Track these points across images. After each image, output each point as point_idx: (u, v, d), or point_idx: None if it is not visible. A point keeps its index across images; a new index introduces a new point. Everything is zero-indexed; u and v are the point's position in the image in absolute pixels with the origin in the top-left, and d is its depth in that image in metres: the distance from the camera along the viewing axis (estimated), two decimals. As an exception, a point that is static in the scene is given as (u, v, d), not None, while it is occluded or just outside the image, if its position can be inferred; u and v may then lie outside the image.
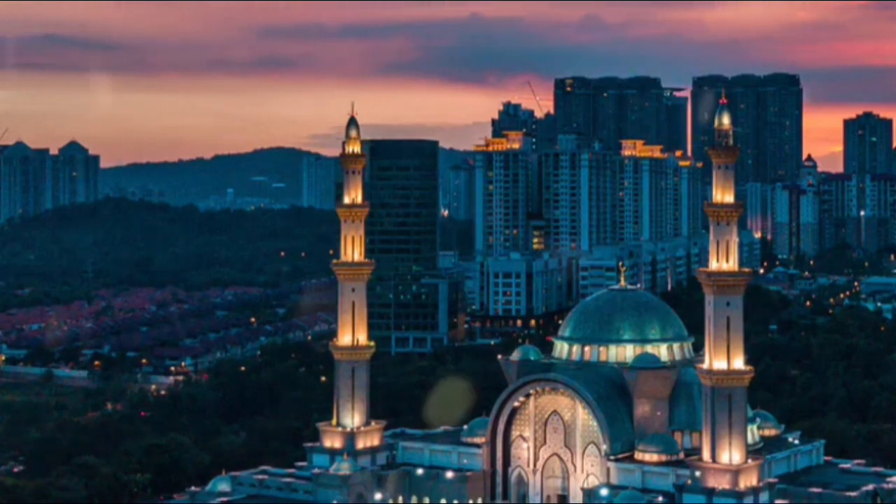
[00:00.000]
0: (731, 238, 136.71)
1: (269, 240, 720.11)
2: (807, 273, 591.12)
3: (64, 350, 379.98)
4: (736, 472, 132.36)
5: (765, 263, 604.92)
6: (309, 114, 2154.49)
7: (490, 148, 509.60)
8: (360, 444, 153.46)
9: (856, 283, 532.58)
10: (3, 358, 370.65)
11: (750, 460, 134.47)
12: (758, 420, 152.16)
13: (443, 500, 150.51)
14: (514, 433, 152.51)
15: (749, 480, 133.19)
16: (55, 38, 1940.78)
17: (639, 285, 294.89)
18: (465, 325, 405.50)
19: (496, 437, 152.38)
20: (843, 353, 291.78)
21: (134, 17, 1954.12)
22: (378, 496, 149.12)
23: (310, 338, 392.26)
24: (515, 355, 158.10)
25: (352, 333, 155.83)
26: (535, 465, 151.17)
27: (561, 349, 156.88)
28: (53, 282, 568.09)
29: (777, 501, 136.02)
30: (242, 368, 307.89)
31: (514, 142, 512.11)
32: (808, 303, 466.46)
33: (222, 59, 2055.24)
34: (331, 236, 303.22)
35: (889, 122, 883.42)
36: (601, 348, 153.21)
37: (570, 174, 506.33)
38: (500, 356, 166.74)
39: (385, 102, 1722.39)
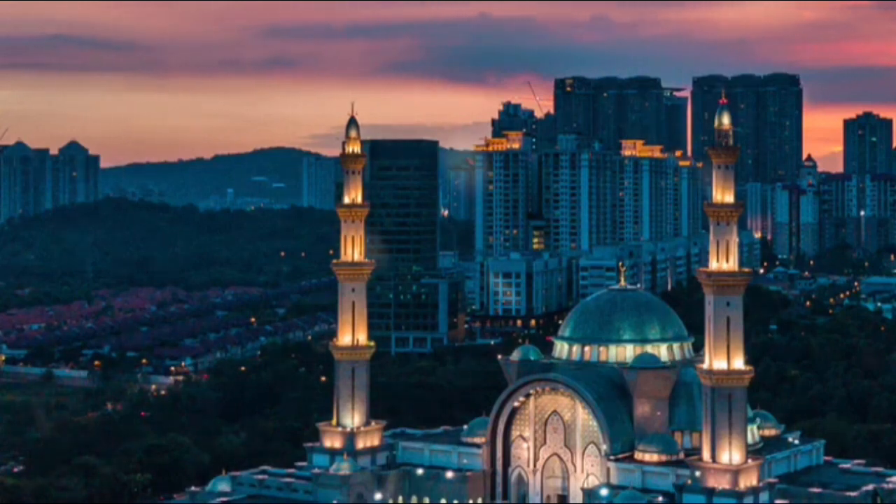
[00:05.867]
0: (731, 238, 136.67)
1: (269, 240, 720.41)
2: (807, 273, 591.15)
3: (64, 350, 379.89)
4: (736, 472, 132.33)
5: (765, 263, 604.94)
6: (309, 114, 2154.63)
7: (490, 148, 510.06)
8: (360, 444, 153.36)
9: (856, 283, 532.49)
10: (3, 358, 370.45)
11: (750, 460, 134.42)
12: (758, 420, 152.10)
13: (443, 500, 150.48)
14: (514, 433, 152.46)
15: (749, 480, 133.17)
16: (55, 38, 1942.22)
17: (639, 285, 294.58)
18: (465, 325, 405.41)
19: (496, 437, 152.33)
20: (843, 353, 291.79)
21: (134, 18, 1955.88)
22: (378, 496, 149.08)
23: (310, 338, 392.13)
24: (515, 355, 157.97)
25: (352, 333, 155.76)
26: (535, 465, 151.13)
27: (561, 349, 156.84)
28: (53, 282, 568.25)
29: (777, 501, 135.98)
30: (242, 368, 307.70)
31: (514, 142, 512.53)
32: (808, 303, 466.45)
33: (222, 60, 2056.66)
34: (331, 236, 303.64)
35: (889, 122, 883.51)
36: (601, 348, 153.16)
37: (570, 174, 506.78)
38: (500, 356, 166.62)
39: (385, 102, 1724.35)
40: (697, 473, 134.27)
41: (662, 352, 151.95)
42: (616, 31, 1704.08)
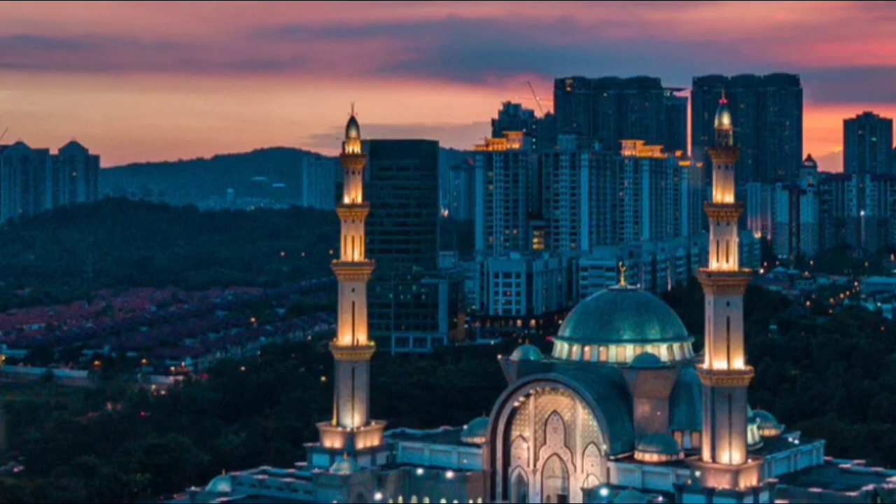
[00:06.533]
0: (731, 238, 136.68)
1: (269, 240, 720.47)
2: (807, 273, 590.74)
3: (64, 350, 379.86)
4: (736, 472, 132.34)
5: (765, 263, 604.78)
6: (309, 114, 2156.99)
7: (490, 148, 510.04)
8: (360, 444, 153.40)
9: (856, 283, 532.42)
10: (4, 358, 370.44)
11: (750, 460, 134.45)
12: (758, 420, 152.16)
13: (443, 500, 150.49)
14: (514, 433, 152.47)
15: (749, 480, 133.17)
16: (56, 38, 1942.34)
17: (639, 285, 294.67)
18: (465, 325, 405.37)
19: (496, 437, 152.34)
20: (843, 353, 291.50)
21: (134, 18, 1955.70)
22: (378, 496, 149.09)
23: (310, 338, 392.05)
24: (515, 355, 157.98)
25: (352, 333, 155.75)
26: (535, 465, 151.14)
27: (561, 349, 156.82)
28: (53, 282, 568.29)
29: (777, 501, 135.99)
30: (242, 368, 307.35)
31: (514, 142, 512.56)
32: (808, 303, 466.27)
33: (223, 60, 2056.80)
34: (331, 236, 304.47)
35: (889, 122, 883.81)
36: (601, 348, 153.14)
37: (570, 174, 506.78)
38: (500, 356, 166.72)
39: (385, 102, 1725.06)
40: (697, 473, 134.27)
41: (662, 352, 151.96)
42: (616, 31, 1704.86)
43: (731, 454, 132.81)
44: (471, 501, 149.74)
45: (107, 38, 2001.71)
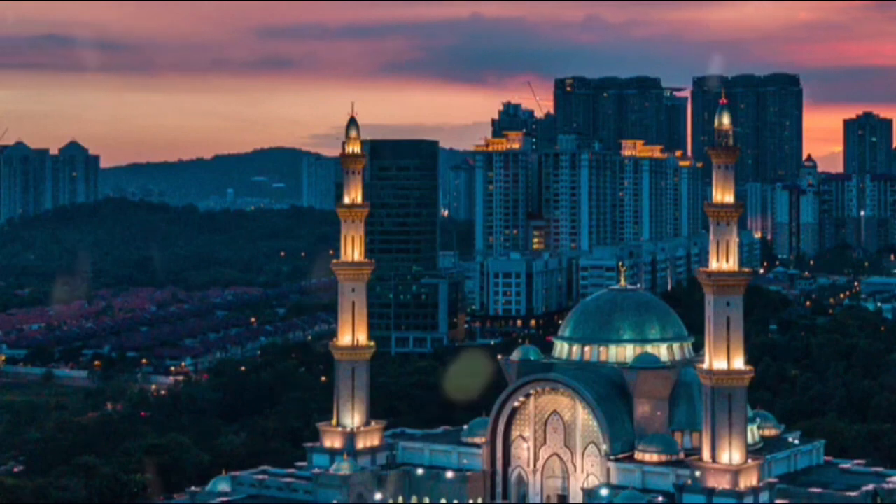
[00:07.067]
0: (731, 238, 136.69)
1: (269, 240, 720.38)
2: (807, 273, 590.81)
3: (64, 350, 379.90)
4: (736, 472, 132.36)
5: (765, 263, 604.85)
6: (309, 114, 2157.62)
7: (490, 148, 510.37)
8: (360, 444, 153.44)
9: (856, 283, 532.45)
10: (4, 358, 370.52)
11: (750, 460, 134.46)
12: (758, 420, 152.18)
13: (443, 500, 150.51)
14: (514, 433, 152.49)
15: (749, 480, 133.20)
16: (55, 38, 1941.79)
17: (639, 285, 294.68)
18: (465, 325, 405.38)
19: (496, 437, 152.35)
20: (843, 353, 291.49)
21: (134, 18, 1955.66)
22: (378, 496, 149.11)
23: (310, 338, 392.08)
24: (515, 355, 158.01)
25: (352, 333, 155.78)
26: (535, 465, 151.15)
27: (561, 349, 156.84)
28: (53, 282, 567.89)
29: (777, 501, 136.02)
30: (242, 368, 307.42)
31: (514, 142, 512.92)
32: (808, 303, 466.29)
33: (222, 59, 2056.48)
34: (331, 236, 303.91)
35: (889, 122, 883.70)
36: (601, 348, 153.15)
37: (570, 174, 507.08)
38: (500, 356, 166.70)
39: (385, 102, 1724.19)
40: (697, 473, 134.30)
41: (662, 352, 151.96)
42: (616, 31, 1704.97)
43: (731, 454, 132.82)
44: (471, 501, 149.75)
45: (107, 38, 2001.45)
